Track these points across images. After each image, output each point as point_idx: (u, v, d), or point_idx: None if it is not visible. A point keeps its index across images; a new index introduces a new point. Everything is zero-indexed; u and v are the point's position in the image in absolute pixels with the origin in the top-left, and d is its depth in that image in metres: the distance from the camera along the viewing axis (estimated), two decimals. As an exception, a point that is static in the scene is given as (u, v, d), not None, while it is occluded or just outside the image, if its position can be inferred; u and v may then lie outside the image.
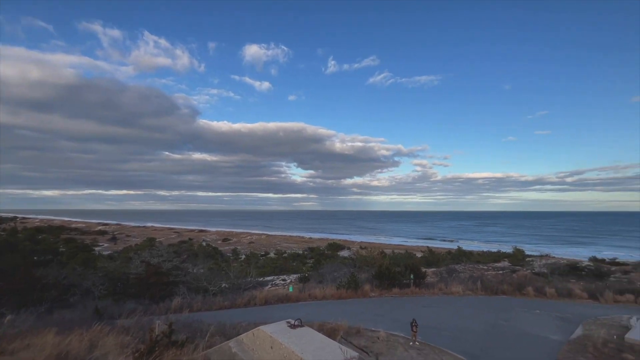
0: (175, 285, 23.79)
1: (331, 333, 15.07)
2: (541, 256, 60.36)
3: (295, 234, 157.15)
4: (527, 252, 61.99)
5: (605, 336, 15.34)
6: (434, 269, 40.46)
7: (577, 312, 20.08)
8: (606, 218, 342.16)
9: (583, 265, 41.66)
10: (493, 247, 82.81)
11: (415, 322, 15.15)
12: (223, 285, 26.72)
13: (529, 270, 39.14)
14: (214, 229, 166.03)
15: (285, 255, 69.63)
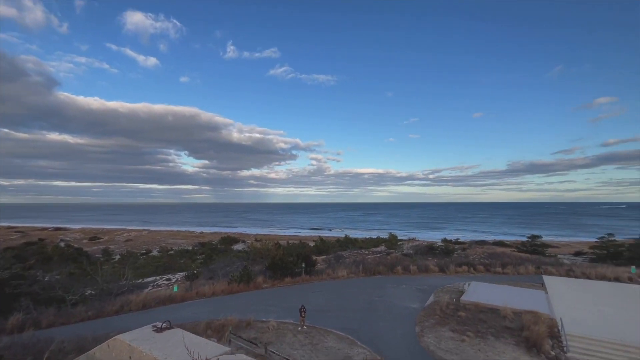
0: (15, 299, 18.74)
1: (219, 329, 14.52)
2: (409, 240, 71.96)
3: (184, 228, 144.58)
4: (399, 237, 72.90)
5: (448, 300, 19.49)
6: (324, 257, 43.45)
7: (431, 283, 24.84)
8: (454, 208, 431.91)
9: (437, 245, 51.67)
10: (374, 234, 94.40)
11: (304, 308, 16.03)
12: (88, 292, 22.48)
13: (400, 252, 46.17)
14: (77, 227, 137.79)
15: (172, 252, 63.36)
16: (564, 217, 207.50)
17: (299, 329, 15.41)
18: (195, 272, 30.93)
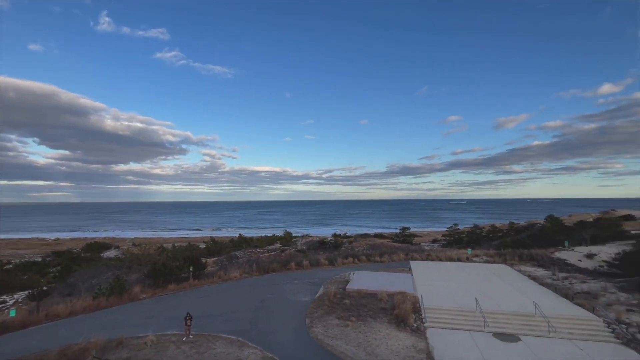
0: None
1: (79, 355, 12.05)
2: (303, 236, 74.83)
3: (30, 235, 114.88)
4: (294, 234, 75.07)
5: (336, 290, 21.07)
6: (216, 258, 41.16)
7: (322, 276, 26.39)
8: (344, 205, 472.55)
9: (328, 240, 55.36)
10: (269, 232, 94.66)
11: (190, 316, 14.73)
12: None
13: (294, 249, 47.57)
14: None
15: (10, 266, 49.19)
16: (425, 212, 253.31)
17: (184, 339, 14.13)
18: (45, 288, 24.87)
